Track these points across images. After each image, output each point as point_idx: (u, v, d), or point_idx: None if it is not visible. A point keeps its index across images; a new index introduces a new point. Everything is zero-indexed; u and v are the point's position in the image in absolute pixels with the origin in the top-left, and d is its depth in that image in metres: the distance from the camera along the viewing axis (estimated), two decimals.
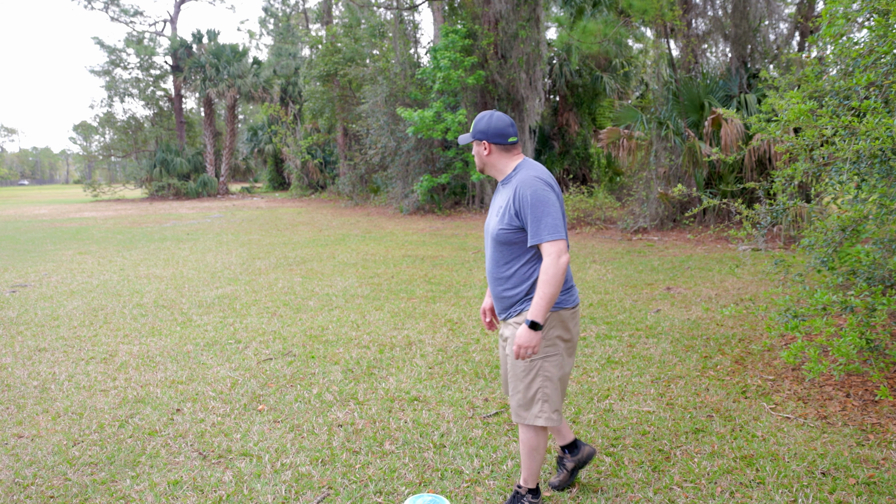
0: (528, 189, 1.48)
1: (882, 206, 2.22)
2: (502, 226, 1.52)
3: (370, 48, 13.90)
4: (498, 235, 1.53)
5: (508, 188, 1.54)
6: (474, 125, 1.57)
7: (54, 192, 31.44)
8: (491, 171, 1.60)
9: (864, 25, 2.44)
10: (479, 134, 1.56)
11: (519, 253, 1.53)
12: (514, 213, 1.50)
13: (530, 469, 1.61)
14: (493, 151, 1.55)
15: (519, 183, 1.50)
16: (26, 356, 3.10)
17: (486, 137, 1.55)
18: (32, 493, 1.79)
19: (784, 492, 1.71)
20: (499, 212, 1.55)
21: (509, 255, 1.55)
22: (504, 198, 1.54)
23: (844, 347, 1.92)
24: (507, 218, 1.51)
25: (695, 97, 8.26)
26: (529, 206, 1.47)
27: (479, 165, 1.61)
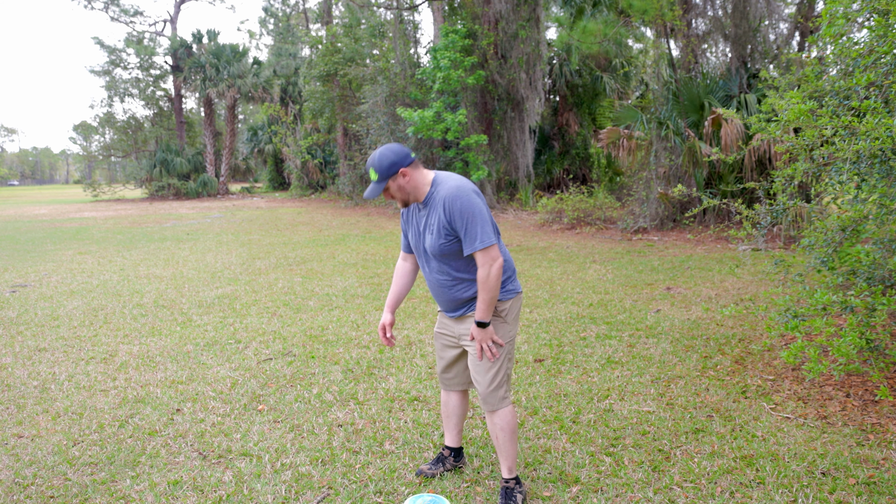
0: (456, 202, 1.52)
1: (882, 206, 2.22)
2: (441, 241, 1.57)
3: (370, 48, 13.90)
4: (440, 249, 1.58)
5: (434, 204, 1.57)
6: (380, 168, 1.54)
7: (54, 192, 31.44)
8: (416, 193, 1.60)
9: (864, 25, 2.44)
10: (393, 167, 1.54)
11: (464, 261, 1.60)
12: (448, 227, 1.54)
13: (512, 456, 1.68)
14: (410, 173, 1.56)
15: (445, 197, 1.54)
16: (26, 356, 3.10)
17: (401, 165, 1.54)
18: (32, 493, 1.79)
19: (784, 492, 1.71)
20: (432, 230, 1.58)
21: (456, 264, 1.61)
22: (434, 215, 1.57)
23: (844, 347, 1.92)
24: (443, 233, 1.56)
25: (695, 97, 8.26)
26: (459, 218, 1.52)
27: (404, 198, 1.59)
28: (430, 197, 1.59)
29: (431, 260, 1.63)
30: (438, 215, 1.55)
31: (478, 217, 1.52)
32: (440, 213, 1.55)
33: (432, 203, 1.58)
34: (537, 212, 9.49)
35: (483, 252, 1.52)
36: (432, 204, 1.58)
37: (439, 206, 1.55)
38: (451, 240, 1.56)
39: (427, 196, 1.59)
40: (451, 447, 1.86)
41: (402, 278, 1.79)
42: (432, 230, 1.57)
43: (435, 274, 1.64)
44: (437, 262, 1.62)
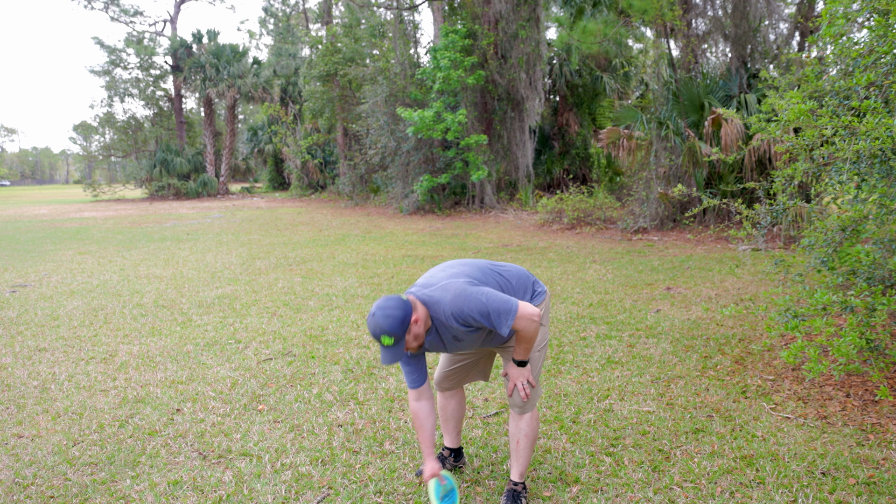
0: (464, 311, 1.43)
1: (882, 206, 2.22)
2: (481, 339, 1.54)
3: (370, 48, 13.91)
4: (487, 343, 1.58)
5: (447, 327, 1.48)
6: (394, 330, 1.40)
7: (54, 192, 31.44)
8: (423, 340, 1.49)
9: (864, 25, 2.44)
10: (406, 321, 1.41)
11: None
12: (477, 327, 1.48)
13: (527, 462, 1.67)
14: (418, 315, 1.44)
15: (454, 314, 1.44)
16: (26, 356, 3.10)
17: (409, 315, 1.42)
18: (32, 493, 1.79)
19: (784, 492, 1.71)
20: (462, 343, 1.52)
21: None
22: (454, 333, 1.49)
23: (844, 347, 1.92)
24: (481, 334, 1.51)
25: (695, 97, 8.26)
26: (480, 318, 1.44)
27: (420, 342, 1.46)
28: (434, 329, 1.50)
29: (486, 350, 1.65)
30: (460, 331, 1.48)
31: (490, 300, 1.43)
32: (462, 330, 1.47)
33: (442, 327, 1.49)
34: (537, 212, 9.49)
35: (518, 318, 1.45)
36: (443, 327, 1.48)
37: (456, 326, 1.46)
38: (488, 330, 1.51)
39: (431, 329, 1.50)
40: (451, 448, 1.86)
41: (428, 419, 1.60)
42: (462, 342, 1.52)
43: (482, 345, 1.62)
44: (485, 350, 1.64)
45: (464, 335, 1.50)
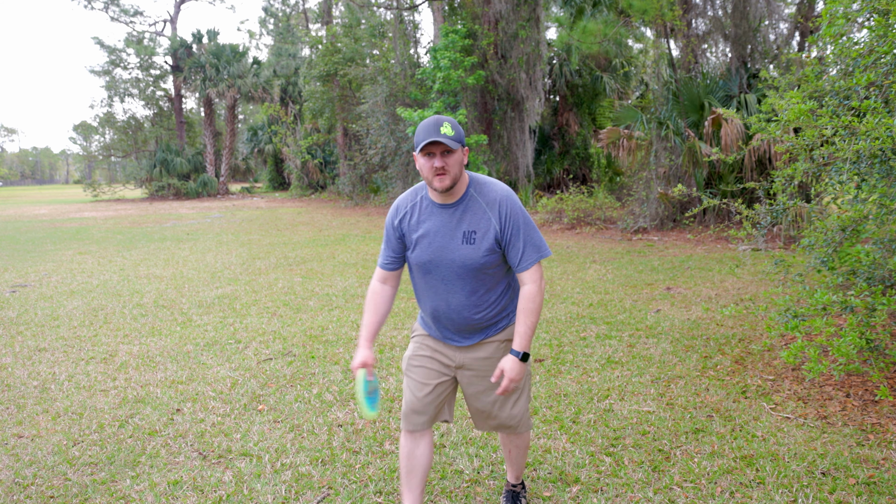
0: (516, 205, 1.32)
1: (882, 206, 2.22)
2: (487, 253, 1.30)
3: (370, 48, 13.91)
4: (484, 262, 1.31)
5: (481, 206, 1.31)
6: (457, 130, 1.28)
7: (54, 192, 31.44)
8: (460, 183, 1.31)
9: (864, 25, 2.44)
10: (462, 137, 1.29)
11: (499, 275, 1.37)
12: (499, 234, 1.31)
13: (523, 466, 1.65)
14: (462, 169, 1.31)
15: (504, 198, 1.31)
16: (26, 356, 3.09)
17: (463, 142, 1.30)
18: (32, 493, 1.79)
19: (784, 492, 1.71)
20: (473, 238, 1.30)
21: (489, 281, 1.36)
22: (481, 220, 1.31)
23: (844, 347, 1.92)
24: (489, 242, 1.30)
25: (695, 97, 8.27)
26: (522, 226, 1.31)
27: (454, 180, 1.28)
28: (469, 196, 1.32)
29: (459, 278, 1.33)
30: (490, 221, 1.30)
31: (532, 223, 1.34)
32: (493, 218, 1.30)
33: (475, 204, 1.31)
34: (537, 212, 9.49)
35: (538, 266, 1.32)
36: (475, 205, 1.31)
37: (494, 209, 1.30)
38: (498, 252, 1.32)
39: (465, 194, 1.32)
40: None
41: (382, 305, 1.44)
42: (474, 238, 1.30)
43: (459, 296, 1.35)
44: (468, 280, 1.33)
45: (480, 238, 1.29)
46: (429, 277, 1.38)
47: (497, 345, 1.43)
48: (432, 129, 1.26)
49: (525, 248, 1.32)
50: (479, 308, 1.37)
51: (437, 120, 1.28)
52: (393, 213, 1.42)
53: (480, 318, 1.38)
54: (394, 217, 1.41)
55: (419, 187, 1.41)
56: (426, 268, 1.37)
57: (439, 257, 1.34)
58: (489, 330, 1.41)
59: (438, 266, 1.35)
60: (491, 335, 1.42)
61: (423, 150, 1.27)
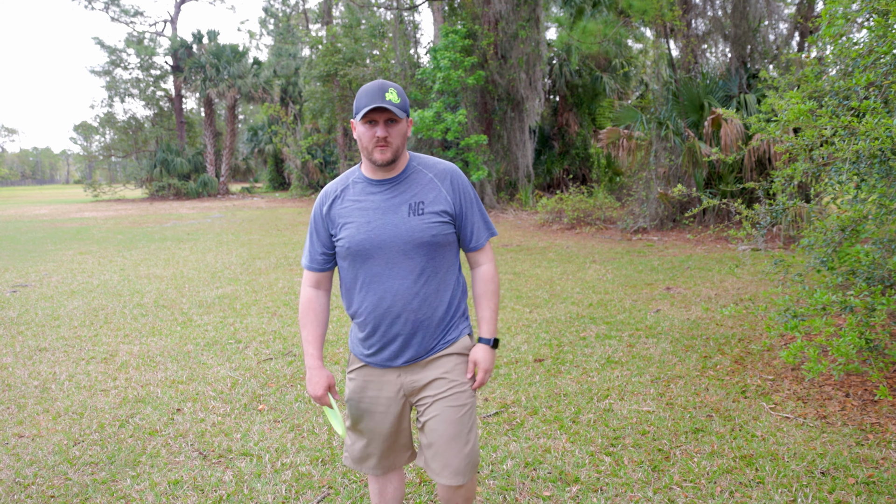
0: (466, 180, 1.23)
1: (881, 206, 2.22)
2: (438, 226, 1.16)
3: (370, 48, 13.92)
4: (435, 237, 1.16)
5: (427, 179, 1.19)
6: (402, 97, 1.15)
7: (54, 192, 31.45)
8: (400, 155, 1.17)
9: (863, 26, 2.44)
10: (406, 107, 1.17)
11: (450, 259, 1.21)
12: (450, 207, 1.18)
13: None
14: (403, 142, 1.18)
15: (452, 171, 1.21)
16: (27, 356, 3.10)
17: (408, 111, 1.18)
18: (33, 493, 1.79)
19: (783, 491, 1.71)
20: (421, 209, 1.16)
21: (439, 264, 1.18)
22: (429, 192, 1.18)
23: (844, 347, 1.93)
24: (444, 215, 1.17)
25: (694, 97, 8.27)
26: (471, 198, 1.22)
27: (397, 152, 1.15)
28: (413, 169, 1.20)
29: (405, 257, 1.15)
30: (440, 190, 1.18)
31: (480, 201, 1.25)
32: (444, 190, 1.18)
33: (421, 175, 1.19)
34: (537, 212, 9.49)
35: (489, 244, 1.25)
36: (421, 177, 1.19)
37: (445, 180, 1.19)
38: (450, 226, 1.19)
39: (407, 167, 1.19)
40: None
41: (322, 314, 1.25)
42: (422, 208, 1.16)
43: (406, 281, 1.16)
44: (417, 259, 1.15)
45: (428, 209, 1.16)
46: (368, 264, 1.18)
47: (455, 359, 1.21)
48: (376, 94, 1.11)
49: (477, 222, 1.23)
50: (429, 299, 1.18)
51: (381, 85, 1.12)
52: (321, 201, 1.24)
53: (430, 313, 1.18)
54: (322, 204, 1.23)
55: (349, 172, 1.26)
56: (364, 252, 1.17)
57: (380, 236, 1.16)
58: (441, 338, 1.20)
59: (380, 247, 1.17)
60: (444, 347, 1.21)
61: (364, 117, 1.11)
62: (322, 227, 1.24)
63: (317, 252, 1.25)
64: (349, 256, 1.20)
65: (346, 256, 1.21)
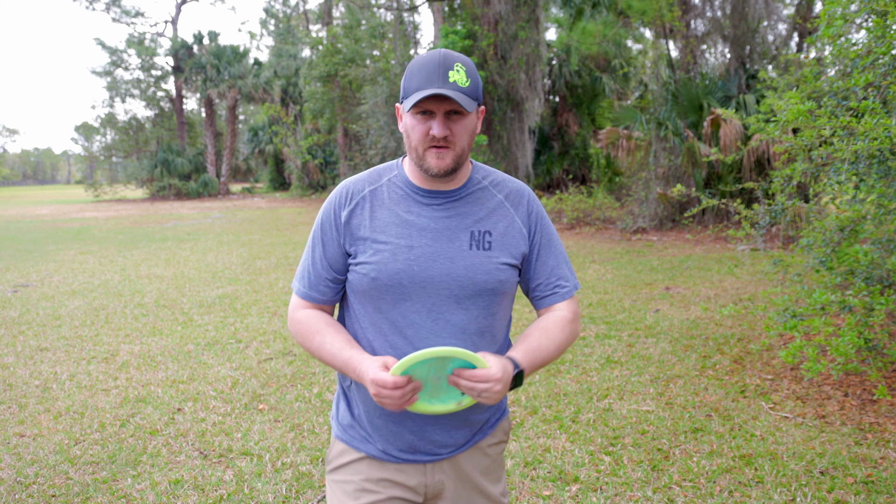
0: (541, 205, 0.90)
1: (880, 206, 2.23)
2: (504, 267, 0.82)
3: (370, 49, 13.94)
4: (502, 285, 0.82)
5: (490, 197, 0.85)
6: (474, 78, 0.79)
7: (56, 192, 31.48)
8: (464, 163, 0.82)
9: (862, 26, 2.45)
10: (479, 92, 0.80)
11: (508, 315, 0.88)
12: (525, 245, 0.85)
13: None
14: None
15: (528, 193, 0.88)
16: (28, 356, 3.10)
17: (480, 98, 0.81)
18: (34, 492, 1.80)
19: (783, 490, 1.72)
20: (484, 239, 0.81)
21: (498, 324, 0.85)
22: (492, 214, 0.84)
23: (843, 347, 1.93)
24: (509, 254, 0.83)
25: (694, 98, 8.29)
26: (554, 234, 0.88)
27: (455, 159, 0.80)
28: (476, 184, 0.85)
29: (458, 306, 0.81)
30: (513, 219, 0.84)
31: (558, 236, 0.90)
32: (518, 219, 0.84)
33: (487, 195, 0.84)
34: None
35: (575, 298, 0.88)
36: (487, 196, 0.84)
37: (520, 205, 0.85)
38: (516, 269, 0.85)
39: (470, 181, 0.84)
40: None
41: (334, 322, 0.87)
42: (489, 241, 0.81)
43: (453, 340, 0.80)
44: (472, 310, 0.81)
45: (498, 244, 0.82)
46: (401, 308, 0.80)
47: (493, 453, 0.88)
48: (434, 73, 0.75)
49: (561, 266, 0.87)
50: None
51: (443, 58, 0.76)
52: (337, 202, 0.85)
53: None
54: (338, 206, 0.85)
55: (385, 168, 0.88)
56: (399, 290, 0.80)
57: (426, 270, 0.80)
58: (484, 420, 0.86)
59: (425, 286, 0.80)
60: (484, 434, 0.87)
61: (416, 106, 0.76)
62: (334, 242, 0.84)
63: (320, 276, 0.85)
64: (372, 293, 0.81)
65: (367, 292, 0.81)
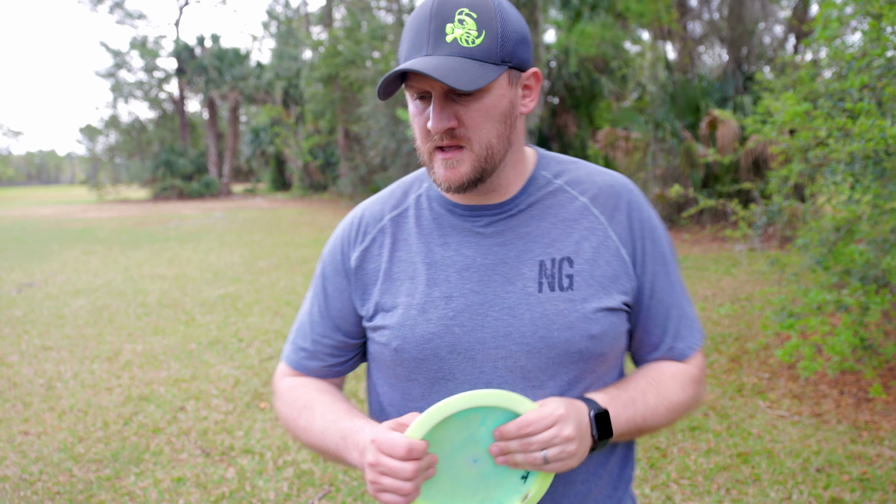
0: (648, 209, 0.60)
1: (875, 206, 2.25)
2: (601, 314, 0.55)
3: (371, 51, 13.99)
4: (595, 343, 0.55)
5: (568, 203, 0.58)
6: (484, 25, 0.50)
7: (59, 192, 31.58)
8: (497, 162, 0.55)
9: (857, 29, 2.47)
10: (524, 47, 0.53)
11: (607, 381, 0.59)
12: (630, 277, 0.57)
13: None
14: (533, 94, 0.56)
15: (626, 194, 0.59)
16: (32, 354, 3.13)
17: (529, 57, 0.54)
18: (38, 489, 1.82)
19: (779, 488, 1.73)
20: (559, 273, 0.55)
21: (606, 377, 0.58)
22: (572, 230, 0.57)
23: (838, 346, 1.95)
24: (605, 293, 0.56)
25: (691, 99, 8.31)
26: (670, 256, 0.60)
27: (475, 166, 0.53)
28: (541, 185, 0.59)
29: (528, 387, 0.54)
30: (605, 237, 0.57)
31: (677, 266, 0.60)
32: (614, 233, 0.57)
33: (563, 199, 0.58)
34: None
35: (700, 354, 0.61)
36: (563, 202, 0.58)
37: (617, 213, 0.58)
38: (625, 316, 0.58)
39: (530, 183, 0.58)
40: None
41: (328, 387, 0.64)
42: (570, 278, 0.55)
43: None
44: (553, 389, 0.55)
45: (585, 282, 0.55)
46: (440, 388, 0.57)
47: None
48: (425, 32, 0.52)
49: (682, 306, 0.59)
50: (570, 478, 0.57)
51: (438, 6, 0.51)
52: (346, 238, 0.64)
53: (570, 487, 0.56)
54: (347, 244, 0.64)
55: (413, 179, 0.66)
56: (435, 362, 0.57)
57: (473, 332, 0.56)
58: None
59: (472, 355, 0.56)
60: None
61: (407, 87, 0.54)
62: (342, 295, 0.62)
63: (319, 341, 0.64)
64: (397, 370, 0.59)
65: (391, 369, 0.59)
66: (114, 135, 21.86)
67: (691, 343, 0.60)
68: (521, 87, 0.54)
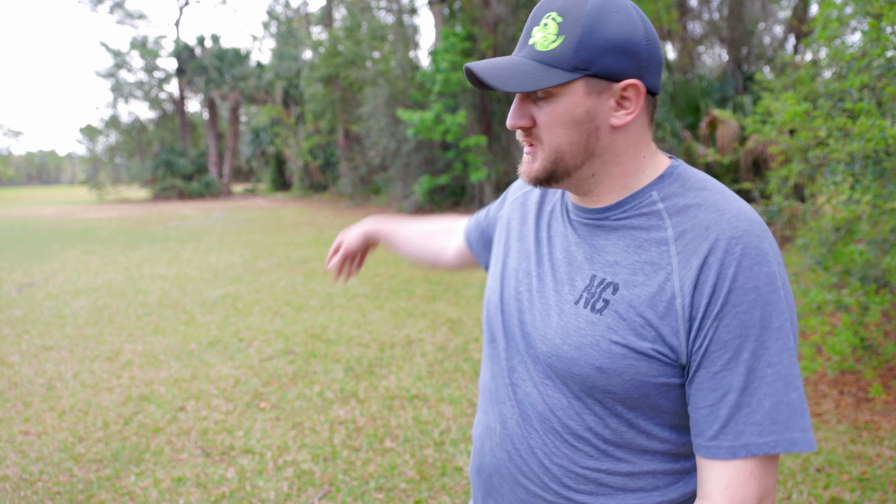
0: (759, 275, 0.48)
1: (875, 206, 2.25)
2: (621, 351, 0.50)
3: (371, 51, 14.00)
4: (610, 371, 0.51)
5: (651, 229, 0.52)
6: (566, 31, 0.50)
7: (60, 192, 31.61)
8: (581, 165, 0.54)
9: (857, 29, 2.47)
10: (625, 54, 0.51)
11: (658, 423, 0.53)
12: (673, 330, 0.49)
13: None
14: (641, 114, 0.55)
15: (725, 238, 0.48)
16: (33, 354, 3.14)
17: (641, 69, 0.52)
18: (39, 489, 1.82)
19: (779, 487, 1.74)
20: (597, 294, 0.53)
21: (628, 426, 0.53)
22: (634, 259, 0.52)
23: (838, 346, 1.95)
24: (633, 331, 0.50)
25: (691, 99, 8.32)
26: (756, 332, 0.47)
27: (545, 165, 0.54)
28: (642, 204, 0.54)
29: (544, 384, 0.56)
30: (667, 279, 0.50)
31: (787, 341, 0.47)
32: (680, 278, 0.49)
33: (649, 226, 0.53)
34: None
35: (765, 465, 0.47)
36: (647, 228, 0.53)
37: (694, 257, 0.49)
38: (663, 366, 0.50)
39: (633, 199, 0.55)
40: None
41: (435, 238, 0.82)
42: (605, 303, 0.52)
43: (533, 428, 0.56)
44: (572, 399, 0.54)
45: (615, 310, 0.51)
46: (489, 352, 0.64)
47: None
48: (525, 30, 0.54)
49: (742, 396, 0.48)
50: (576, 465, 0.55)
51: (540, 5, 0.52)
52: (504, 194, 0.73)
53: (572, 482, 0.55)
54: (501, 199, 0.73)
55: None
56: (487, 328, 0.64)
57: (515, 315, 0.60)
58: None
59: (509, 335, 0.60)
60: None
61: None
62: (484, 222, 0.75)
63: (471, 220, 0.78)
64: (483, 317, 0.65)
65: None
66: (114, 135, 21.87)
67: (730, 444, 0.46)
68: (612, 99, 0.52)
